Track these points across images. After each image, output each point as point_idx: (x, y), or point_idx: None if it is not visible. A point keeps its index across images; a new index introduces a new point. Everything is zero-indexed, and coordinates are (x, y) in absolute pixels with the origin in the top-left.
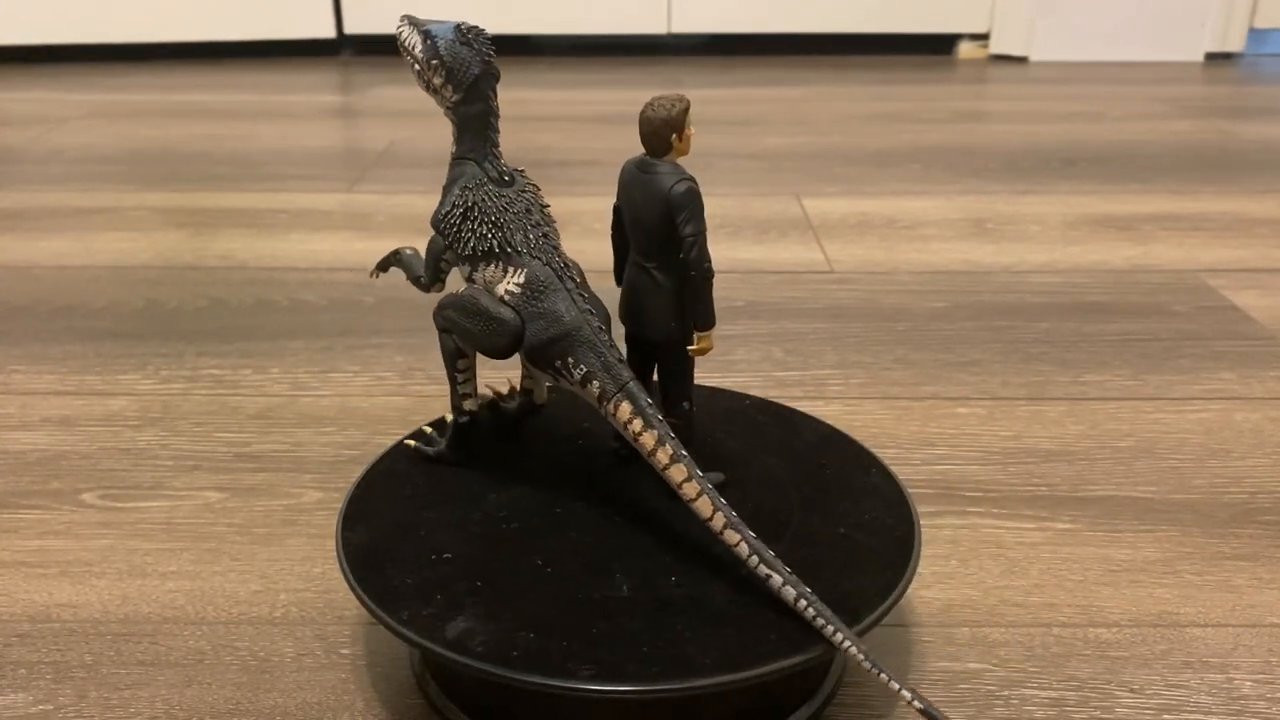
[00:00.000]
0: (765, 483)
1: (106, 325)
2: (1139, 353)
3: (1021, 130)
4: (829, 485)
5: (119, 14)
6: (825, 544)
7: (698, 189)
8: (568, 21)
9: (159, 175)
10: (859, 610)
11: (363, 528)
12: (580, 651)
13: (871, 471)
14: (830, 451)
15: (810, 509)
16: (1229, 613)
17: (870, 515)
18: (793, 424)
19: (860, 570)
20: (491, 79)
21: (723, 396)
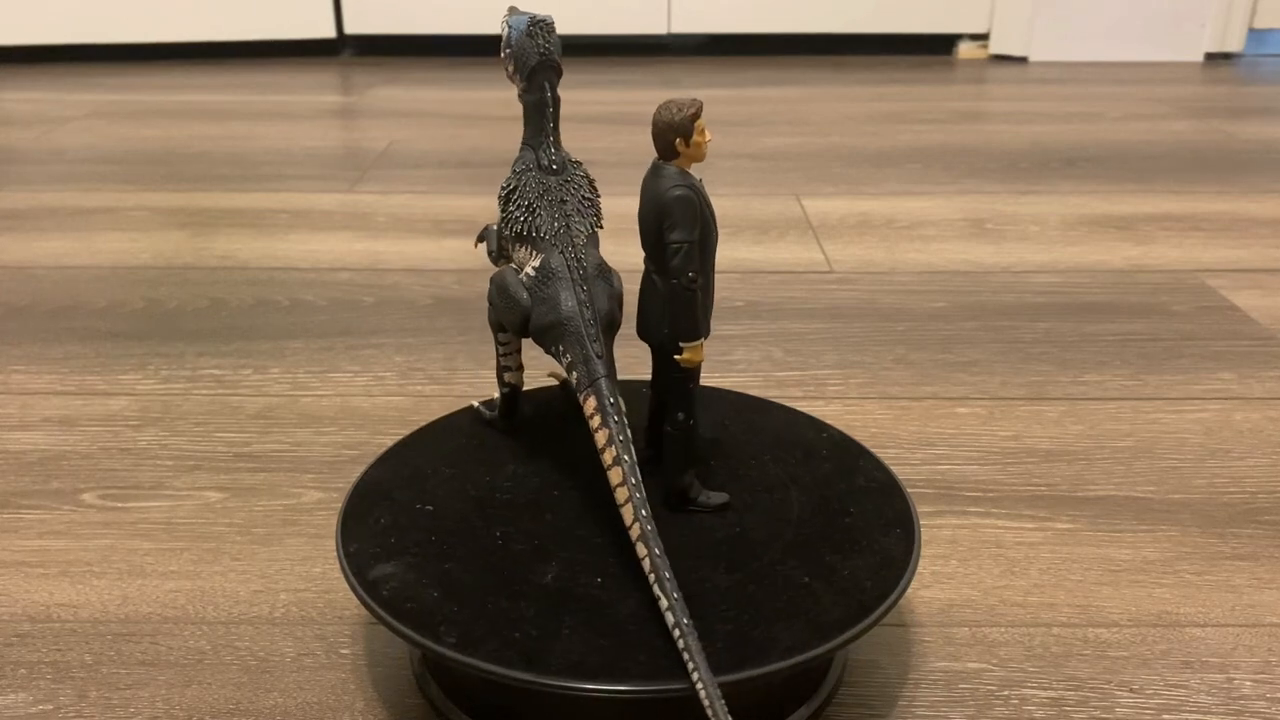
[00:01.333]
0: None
1: (106, 325)
2: (1139, 353)
3: (1021, 130)
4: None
5: (119, 14)
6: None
7: (692, 197)
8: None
9: (159, 175)
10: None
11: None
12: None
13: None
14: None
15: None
16: (1229, 613)
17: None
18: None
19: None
20: (549, 71)
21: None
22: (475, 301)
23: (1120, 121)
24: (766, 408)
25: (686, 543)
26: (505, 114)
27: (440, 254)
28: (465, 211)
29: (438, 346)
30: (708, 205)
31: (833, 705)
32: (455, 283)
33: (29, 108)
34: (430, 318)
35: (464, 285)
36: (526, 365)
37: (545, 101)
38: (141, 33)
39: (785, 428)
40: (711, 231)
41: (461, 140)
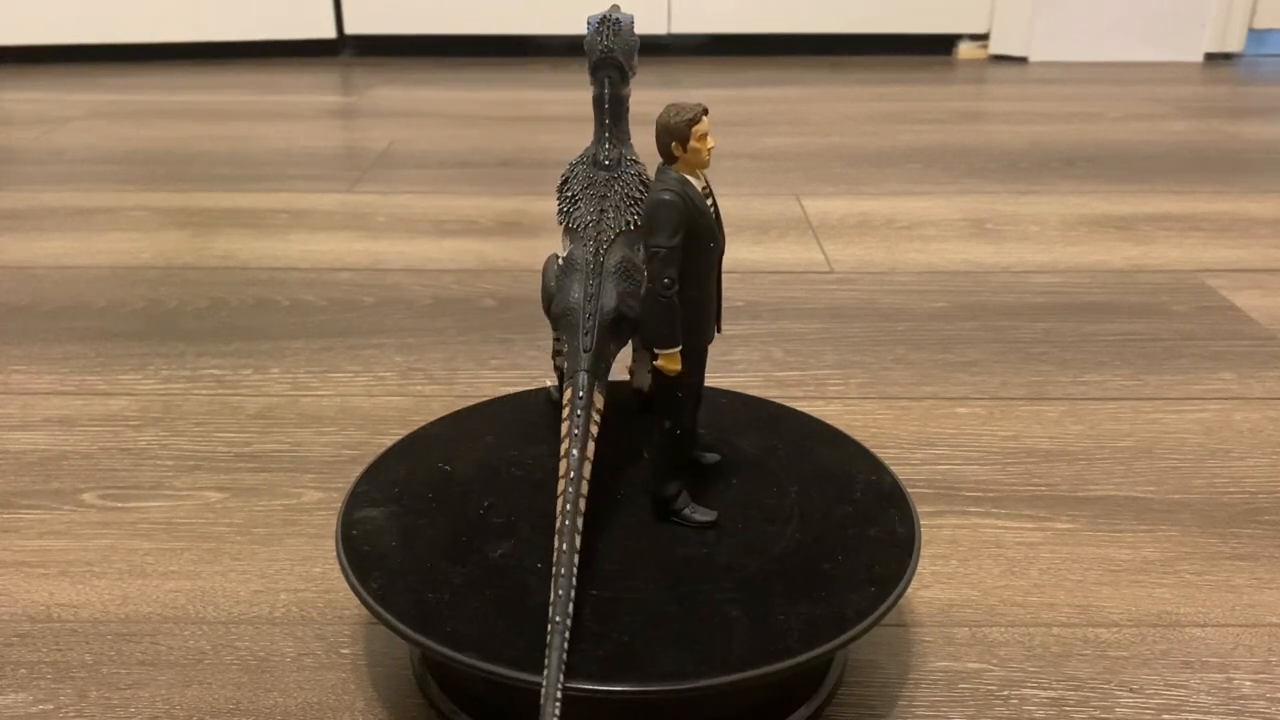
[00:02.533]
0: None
1: (107, 325)
2: (1139, 353)
3: (1021, 130)
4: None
5: (119, 14)
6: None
7: (675, 203)
8: (568, 21)
9: (159, 175)
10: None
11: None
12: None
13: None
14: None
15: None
16: (1229, 613)
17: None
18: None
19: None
20: (608, 67)
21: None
22: (475, 301)
23: (1120, 121)
24: (835, 441)
25: (641, 550)
26: (505, 114)
27: (440, 254)
28: (465, 211)
29: (438, 346)
30: (703, 214)
31: (833, 705)
32: (455, 283)
33: (29, 108)
34: (430, 318)
35: (464, 285)
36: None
37: (601, 97)
38: (141, 33)
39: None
40: (706, 241)
41: (461, 140)
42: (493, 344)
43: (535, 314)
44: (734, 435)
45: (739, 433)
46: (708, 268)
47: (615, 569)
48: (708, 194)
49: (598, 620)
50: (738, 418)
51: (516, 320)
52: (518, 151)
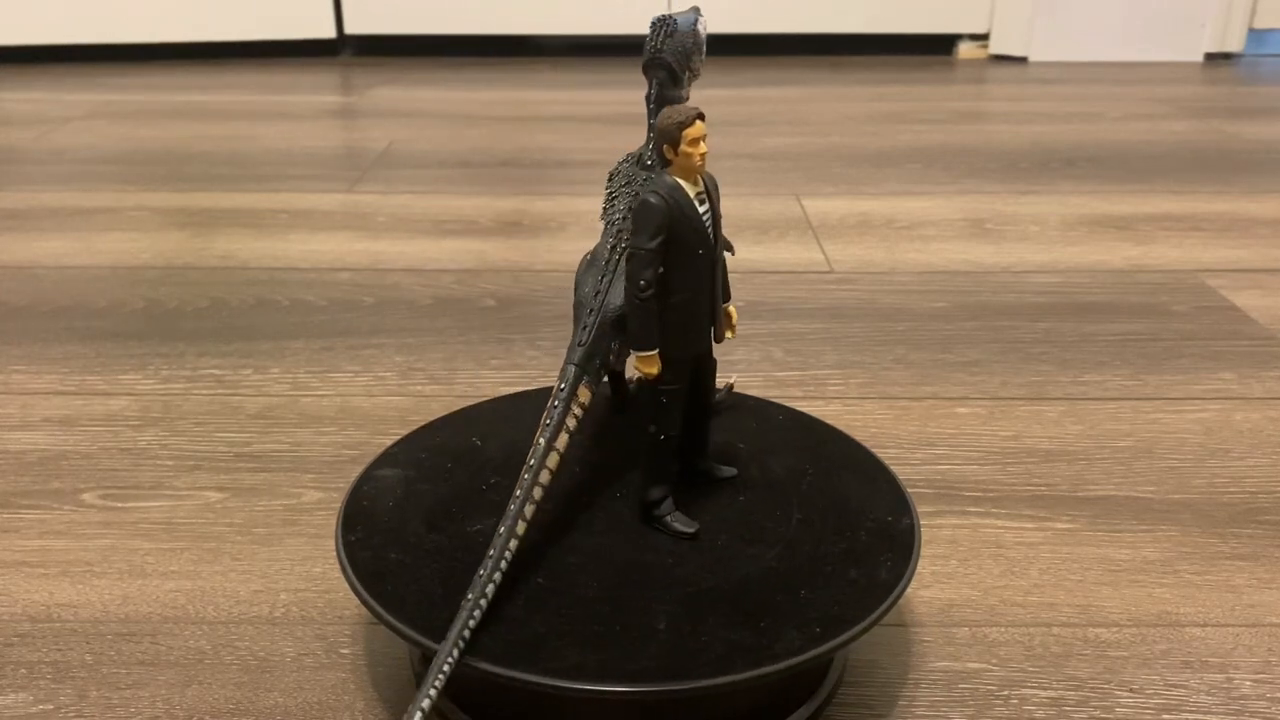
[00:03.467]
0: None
1: (107, 325)
2: (1139, 353)
3: (1021, 130)
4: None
5: (119, 14)
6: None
7: (657, 205)
8: (568, 21)
9: (159, 175)
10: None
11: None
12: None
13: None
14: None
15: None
16: (1229, 613)
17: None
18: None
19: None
20: (657, 68)
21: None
22: (475, 301)
23: (1120, 121)
24: (870, 476)
25: (606, 549)
26: (505, 114)
27: (440, 254)
28: (465, 211)
29: (438, 346)
30: (691, 220)
31: (833, 705)
32: (455, 283)
33: (29, 108)
34: (430, 318)
35: (464, 285)
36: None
37: (648, 96)
38: (141, 33)
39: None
40: (693, 248)
41: (461, 140)
42: (493, 344)
43: (535, 314)
44: (770, 453)
45: (776, 452)
46: (696, 275)
47: (573, 563)
48: (703, 199)
49: (527, 607)
50: (784, 436)
51: (516, 320)
52: (518, 151)
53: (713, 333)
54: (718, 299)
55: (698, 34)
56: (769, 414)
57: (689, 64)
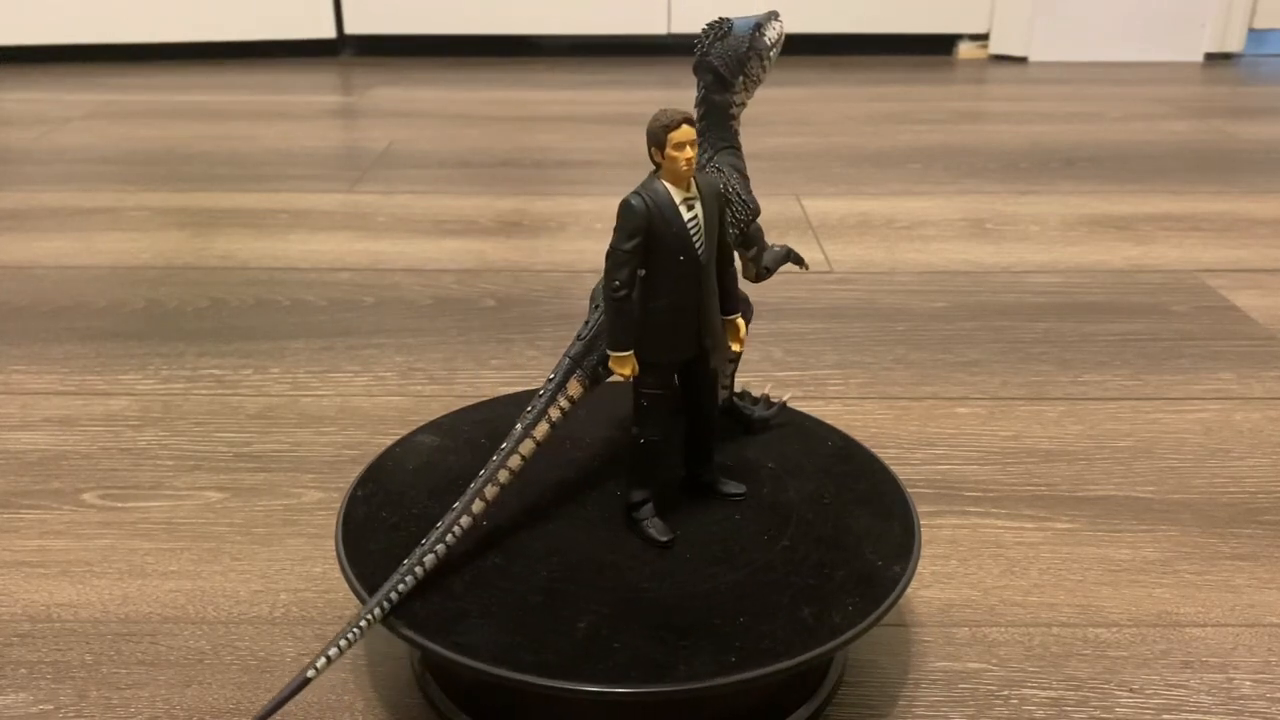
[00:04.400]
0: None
1: (107, 325)
2: (1139, 353)
3: (1021, 130)
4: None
5: (119, 14)
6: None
7: (635, 206)
8: (568, 21)
9: (159, 175)
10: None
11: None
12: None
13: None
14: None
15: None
16: (1229, 613)
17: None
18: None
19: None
20: (704, 70)
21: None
22: (475, 301)
23: (1120, 122)
24: (890, 513)
25: (573, 543)
26: (505, 114)
27: (440, 254)
28: (465, 211)
29: (438, 346)
30: (672, 224)
31: (833, 705)
32: (455, 283)
33: (29, 108)
34: (430, 318)
35: (464, 285)
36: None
37: (695, 99)
38: (141, 33)
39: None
40: (674, 253)
41: (461, 140)
42: (493, 344)
43: (535, 314)
44: (793, 476)
45: (801, 476)
46: (677, 281)
47: (536, 550)
48: (691, 205)
49: (469, 583)
50: (819, 463)
51: (516, 320)
52: (518, 151)
53: (706, 342)
54: (708, 307)
55: (757, 38)
56: (818, 438)
57: (744, 69)
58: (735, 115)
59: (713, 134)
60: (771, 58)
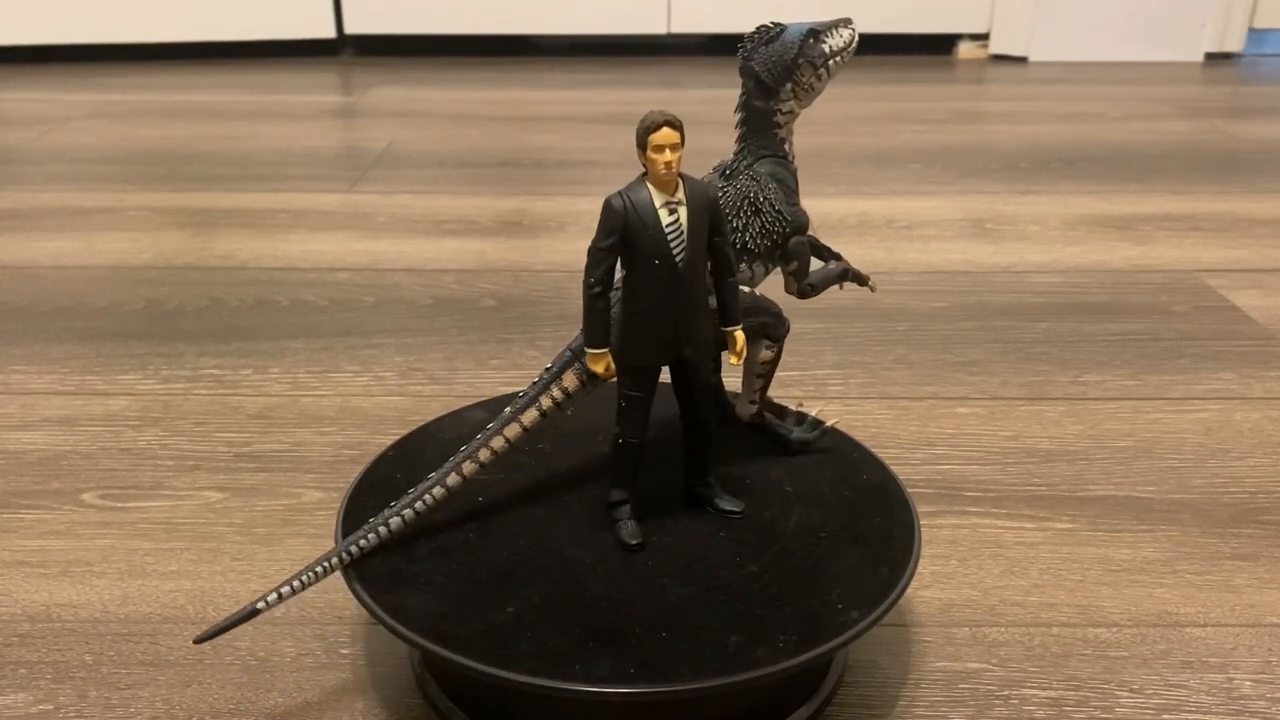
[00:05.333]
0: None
1: (106, 325)
2: (1139, 353)
3: (1021, 130)
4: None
5: (119, 14)
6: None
7: (616, 208)
8: (568, 21)
9: (159, 175)
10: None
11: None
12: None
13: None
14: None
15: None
16: (1229, 613)
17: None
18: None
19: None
20: (746, 75)
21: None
22: (475, 301)
23: (1120, 121)
24: (888, 558)
25: (547, 531)
26: (505, 114)
27: (440, 254)
28: (465, 211)
29: (438, 346)
30: (649, 228)
31: (833, 705)
32: (455, 283)
33: (29, 108)
34: (430, 318)
35: (464, 285)
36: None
37: (737, 104)
38: (141, 33)
39: (845, 578)
40: (650, 257)
41: (461, 140)
42: (493, 344)
43: (535, 314)
44: (804, 504)
45: (812, 504)
46: (653, 284)
47: (512, 530)
48: (673, 209)
49: (431, 551)
50: (842, 496)
51: (516, 320)
52: (518, 151)
53: (687, 350)
54: (689, 314)
55: (809, 46)
56: (855, 469)
57: (792, 77)
58: (781, 123)
59: (754, 141)
60: (830, 67)
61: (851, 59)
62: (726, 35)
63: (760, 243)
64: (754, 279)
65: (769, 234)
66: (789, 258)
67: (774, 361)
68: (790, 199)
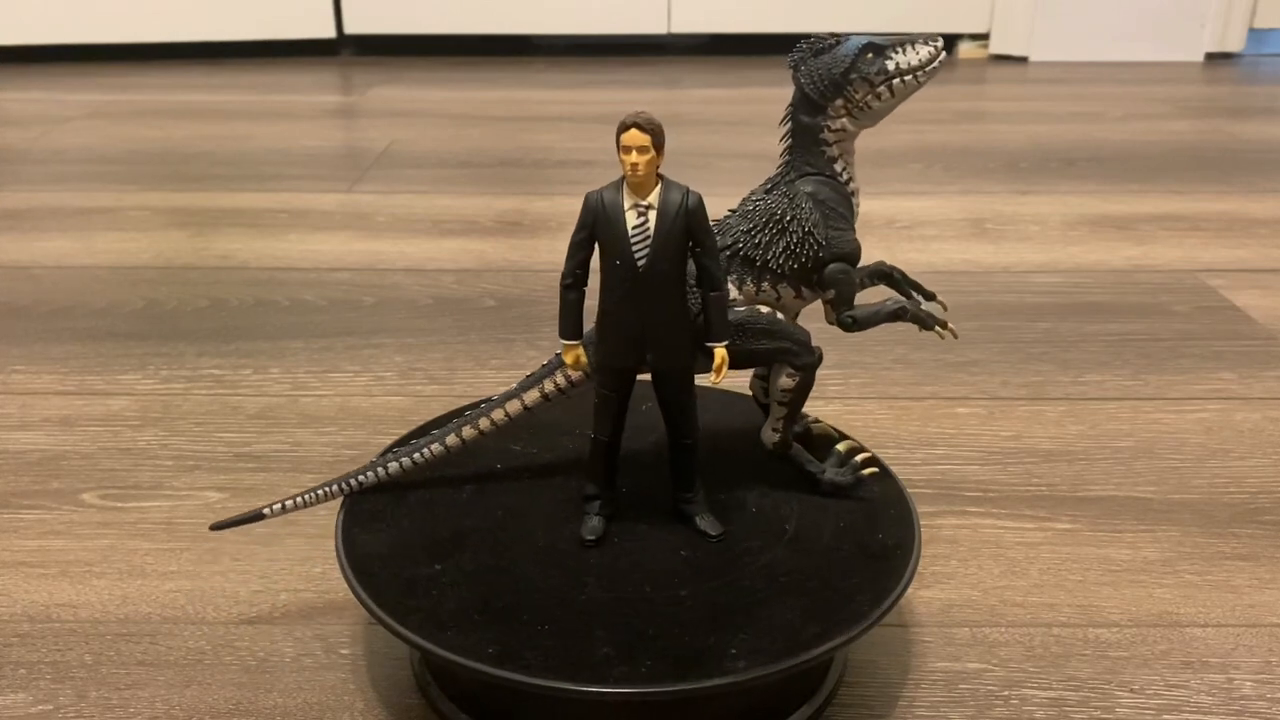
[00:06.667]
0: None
1: (106, 325)
2: (1139, 353)
3: (1021, 130)
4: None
5: (119, 14)
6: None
7: (589, 200)
8: (568, 21)
9: (159, 175)
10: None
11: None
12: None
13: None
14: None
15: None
16: (1229, 613)
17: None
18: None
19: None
20: (796, 86)
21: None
22: (475, 301)
23: (1120, 121)
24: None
25: (521, 510)
26: (505, 114)
27: (440, 254)
28: (465, 211)
29: (438, 346)
30: (614, 227)
31: (833, 705)
32: (455, 283)
33: (29, 108)
34: (430, 318)
35: (464, 285)
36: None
37: (782, 116)
38: (141, 33)
39: (811, 623)
40: (612, 257)
41: (461, 140)
42: (493, 344)
43: (535, 314)
44: (794, 548)
45: (803, 551)
46: (616, 285)
47: (501, 500)
48: (642, 213)
49: (415, 502)
50: (836, 546)
51: (516, 320)
52: (518, 151)
53: (649, 356)
54: (653, 320)
55: (865, 61)
56: (876, 525)
57: (842, 93)
58: (830, 141)
59: (798, 156)
60: (895, 86)
61: (933, 78)
62: (726, 35)
63: (785, 264)
64: (780, 301)
65: (795, 256)
66: (825, 285)
67: (796, 391)
68: (833, 223)
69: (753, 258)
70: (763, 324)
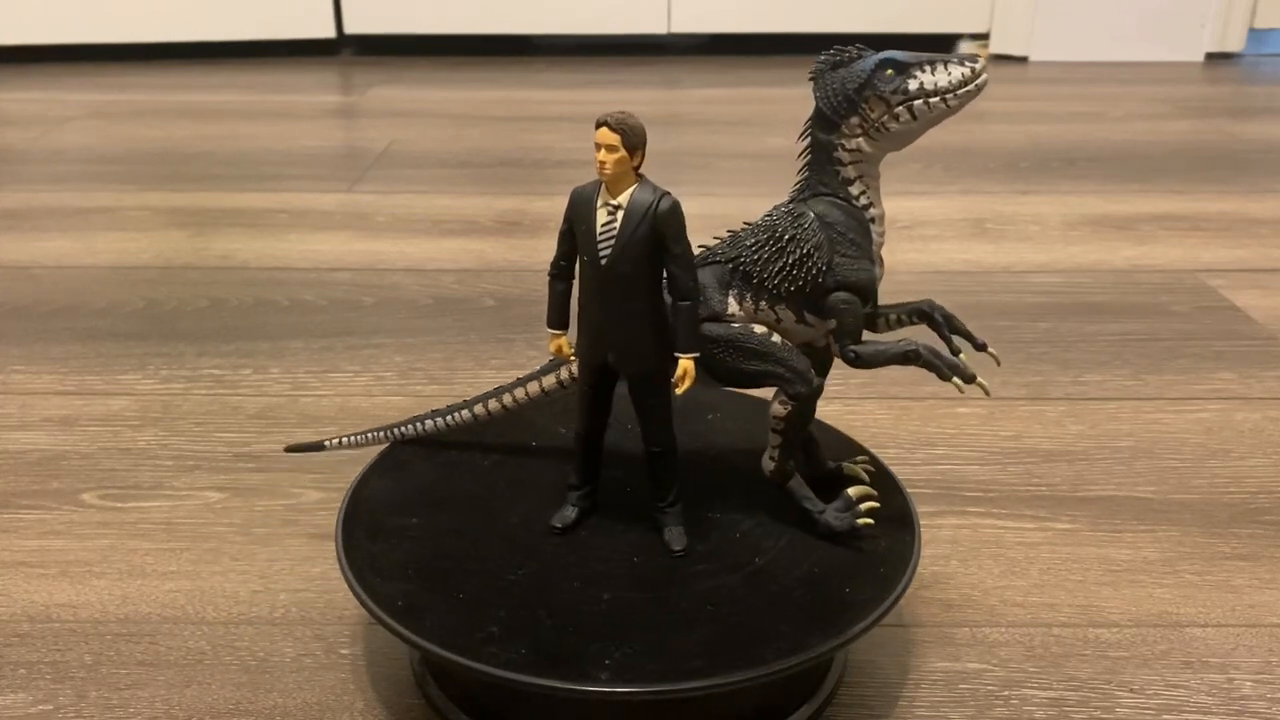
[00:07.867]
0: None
1: (106, 325)
2: (1139, 353)
3: (1021, 130)
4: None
5: (119, 14)
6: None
7: (572, 193)
8: (568, 21)
9: (159, 175)
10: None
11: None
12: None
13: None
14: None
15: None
16: (1229, 613)
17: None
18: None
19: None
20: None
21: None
22: (475, 301)
23: (1121, 121)
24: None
25: (520, 488)
26: (505, 114)
27: (440, 254)
28: (465, 211)
29: (438, 346)
30: (585, 224)
31: (833, 705)
32: (455, 283)
33: (29, 108)
34: (430, 318)
35: (464, 285)
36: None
37: (801, 131)
38: (141, 33)
39: (778, 642)
40: (581, 254)
41: (461, 140)
42: (493, 344)
43: (535, 314)
44: (756, 583)
45: (762, 589)
46: (586, 281)
47: (500, 482)
48: (611, 213)
49: (435, 464)
50: (799, 588)
51: (516, 320)
52: (518, 151)
53: (610, 356)
54: (613, 320)
55: (881, 79)
56: (848, 576)
57: (857, 111)
58: (845, 161)
59: (813, 175)
60: (918, 108)
61: (970, 101)
62: (726, 35)
63: (782, 285)
64: (781, 324)
65: (793, 278)
66: (827, 314)
67: (789, 420)
68: (841, 249)
69: (751, 274)
70: (754, 344)
